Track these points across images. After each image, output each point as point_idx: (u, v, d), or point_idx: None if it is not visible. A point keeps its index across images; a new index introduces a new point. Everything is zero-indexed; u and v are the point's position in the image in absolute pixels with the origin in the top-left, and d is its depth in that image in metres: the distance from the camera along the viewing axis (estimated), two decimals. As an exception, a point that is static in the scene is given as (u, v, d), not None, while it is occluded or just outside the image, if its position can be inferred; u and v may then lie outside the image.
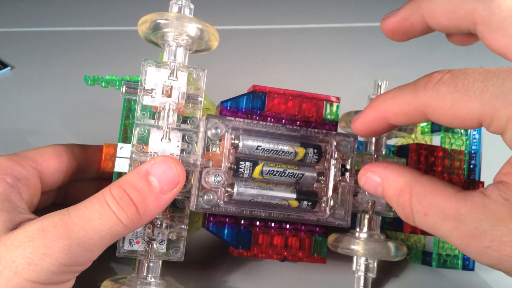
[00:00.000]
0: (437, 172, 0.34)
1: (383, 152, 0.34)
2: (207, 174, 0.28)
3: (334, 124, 0.32)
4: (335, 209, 0.30)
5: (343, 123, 0.35)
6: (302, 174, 0.30)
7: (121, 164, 0.29)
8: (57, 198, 0.34)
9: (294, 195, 0.30)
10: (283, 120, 0.31)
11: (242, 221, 0.31)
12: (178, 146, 0.29)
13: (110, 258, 0.34)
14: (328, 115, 0.32)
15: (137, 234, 0.29)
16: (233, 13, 0.65)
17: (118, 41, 0.59)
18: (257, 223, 0.31)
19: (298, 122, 0.31)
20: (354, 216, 0.33)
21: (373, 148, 0.34)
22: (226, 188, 0.29)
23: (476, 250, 0.22)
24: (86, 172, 0.33)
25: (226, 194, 0.29)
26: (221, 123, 0.29)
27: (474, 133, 0.36)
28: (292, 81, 0.53)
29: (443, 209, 0.22)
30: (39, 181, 0.29)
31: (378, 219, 0.33)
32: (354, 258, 0.33)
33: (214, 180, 0.28)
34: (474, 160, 0.36)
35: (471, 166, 0.35)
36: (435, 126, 0.37)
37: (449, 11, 0.25)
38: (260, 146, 0.29)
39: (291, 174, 0.30)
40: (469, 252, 0.22)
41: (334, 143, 0.31)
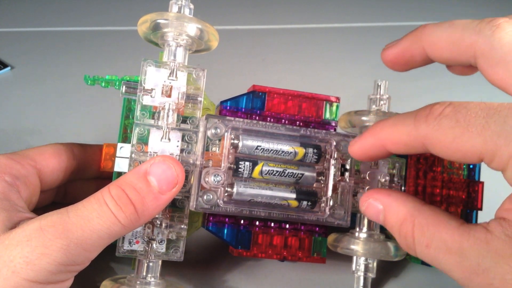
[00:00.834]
0: (437, 172, 0.34)
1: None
2: (207, 174, 0.28)
3: (333, 124, 0.32)
4: (335, 209, 0.30)
5: (342, 123, 0.35)
6: (302, 174, 0.30)
7: (120, 164, 0.29)
8: (57, 197, 0.34)
9: (293, 195, 0.30)
10: (283, 120, 0.31)
11: (242, 221, 0.31)
12: (177, 146, 0.29)
13: (109, 258, 0.34)
14: (328, 115, 0.32)
15: (137, 233, 0.29)
16: (233, 13, 0.65)
17: (118, 41, 0.59)
18: (257, 223, 0.31)
19: (297, 122, 0.31)
20: (353, 216, 0.33)
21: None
22: (226, 188, 0.29)
23: (478, 286, 0.21)
24: (86, 171, 0.33)
25: (226, 194, 0.29)
26: (220, 123, 0.29)
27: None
28: (292, 81, 0.53)
29: (446, 242, 0.22)
30: (38, 180, 0.29)
31: (378, 219, 0.33)
32: (354, 258, 0.33)
33: (214, 180, 0.28)
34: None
35: (470, 166, 0.35)
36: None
37: (450, 44, 0.25)
38: (259, 146, 0.29)
39: (291, 174, 0.30)
40: None
41: (333, 143, 0.31)
